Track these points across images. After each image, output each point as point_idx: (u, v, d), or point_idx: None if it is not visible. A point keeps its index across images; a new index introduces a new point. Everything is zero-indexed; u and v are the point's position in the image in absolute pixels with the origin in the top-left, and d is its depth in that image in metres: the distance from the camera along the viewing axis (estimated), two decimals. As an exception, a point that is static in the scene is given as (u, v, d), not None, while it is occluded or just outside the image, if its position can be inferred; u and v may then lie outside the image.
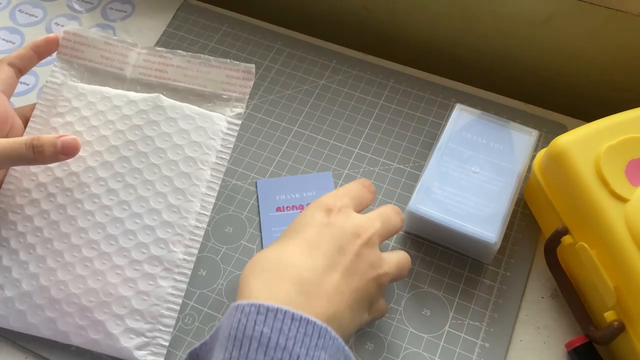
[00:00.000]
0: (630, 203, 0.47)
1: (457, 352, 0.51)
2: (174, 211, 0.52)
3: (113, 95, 0.56)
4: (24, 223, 0.52)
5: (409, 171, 0.62)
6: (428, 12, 0.72)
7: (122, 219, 0.52)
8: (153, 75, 0.58)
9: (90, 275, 0.50)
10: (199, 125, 0.55)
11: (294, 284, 0.39)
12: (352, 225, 0.44)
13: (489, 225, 0.53)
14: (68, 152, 0.51)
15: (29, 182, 0.54)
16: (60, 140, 0.51)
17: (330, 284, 0.40)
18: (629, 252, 0.45)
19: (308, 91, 0.68)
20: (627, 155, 0.49)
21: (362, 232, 0.44)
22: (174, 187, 0.53)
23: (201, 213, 0.53)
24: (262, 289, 0.38)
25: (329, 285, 0.40)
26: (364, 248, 0.43)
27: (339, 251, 0.42)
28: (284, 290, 0.38)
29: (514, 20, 0.67)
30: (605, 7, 0.61)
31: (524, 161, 0.56)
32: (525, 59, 0.71)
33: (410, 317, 0.53)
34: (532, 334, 0.52)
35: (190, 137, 0.54)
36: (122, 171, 0.53)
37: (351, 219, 0.45)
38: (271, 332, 0.34)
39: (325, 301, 0.39)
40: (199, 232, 0.52)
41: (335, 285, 0.40)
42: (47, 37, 0.57)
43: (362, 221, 0.45)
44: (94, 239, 0.51)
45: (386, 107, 0.66)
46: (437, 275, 0.55)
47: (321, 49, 0.71)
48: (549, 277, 0.55)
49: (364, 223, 0.45)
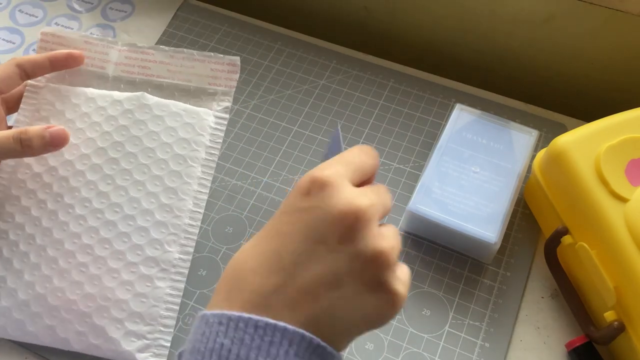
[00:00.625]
0: (630, 203, 0.47)
1: (457, 352, 0.51)
2: (167, 210, 0.52)
3: (97, 96, 0.55)
4: (15, 231, 0.52)
5: (409, 171, 0.62)
6: (428, 12, 0.72)
7: (115, 222, 0.51)
8: (136, 72, 0.57)
9: (86, 281, 0.50)
10: (187, 122, 0.54)
11: (261, 287, 0.33)
12: (338, 203, 0.34)
13: (489, 225, 0.53)
14: (57, 143, 0.50)
15: (17, 189, 0.53)
16: (48, 131, 0.50)
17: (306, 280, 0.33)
18: (629, 252, 0.45)
19: (308, 91, 0.68)
20: (627, 155, 0.49)
21: (352, 210, 0.34)
22: (165, 187, 0.52)
23: (194, 211, 0.52)
24: (227, 296, 0.34)
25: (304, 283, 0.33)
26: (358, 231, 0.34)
27: (317, 242, 0.33)
28: (245, 297, 0.33)
29: (514, 20, 0.67)
30: (605, 7, 0.61)
31: (524, 161, 0.56)
32: (525, 59, 0.71)
33: (410, 317, 0.53)
34: (532, 334, 0.52)
35: (178, 134, 0.54)
36: (112, 173, 0.52)
37: (337, 195, 0.34)
38: (231, 343, 0.31)
39: (288, 310, 0.33)
40: (193, 230, 0.52)
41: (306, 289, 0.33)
42: (70, 53, 0.56)
43: (353, 195, 0.34)
44: (88, 243, 0.51)
45: (386, 107, 0.66)
46: (437, 275, 0.55)
47: (321, 49, 0.71)
48: (549, 277, 0.55)
49: (355, 197, 0.34)
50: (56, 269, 0.50)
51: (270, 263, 0.34)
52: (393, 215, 0.58)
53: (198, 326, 0.33)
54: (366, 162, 0.38)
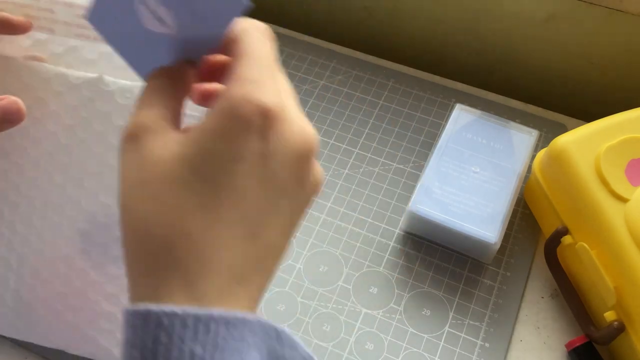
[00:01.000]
0: (630, 203, 0.47)
1: (457, 352, 0.51)
2: None
3: (52, 76, 0.45)
4: None
5: (409, 171, 0.62)
6: (428, 12, 0.72)
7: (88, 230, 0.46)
8: (92, 35, 0.46)
9: (71, 293, 0.47)
10: None
11: (225, 272, 0.26)
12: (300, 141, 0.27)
13: (489, 225, 0.53)
14: (13, 119, 0.42)
15: None
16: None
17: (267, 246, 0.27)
18: (629, 252, 0.45)
19: (308, 91, 0.68)
20: (627, 155, 0.49)
21: (312, 147, 0.28)
22: None
23: None
24: (187, 280, 0.26)
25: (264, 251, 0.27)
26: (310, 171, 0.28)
27: (281, 194, 0.27)
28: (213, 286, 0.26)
29: (514, 20, 0.67)
30: (605, 7, 0.61)
31: (524, 161, 0.56)
32: (525, 59, 0.71)
33: (410, 317, 0.53)
34: (532, 334, 0.52)
35: None
36: (80, 176, 0.46)
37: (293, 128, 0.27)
38: (204, 350, 0.24)
39: (259, 275, 0.27)
40: None
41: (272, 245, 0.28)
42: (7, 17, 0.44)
43: (302, 122, 0.28)
44: (68, 254, 0.46)
45: (386, 107, 0.66)
46: (437, 275, 0.55)
47: (321, 49, 0.71)
48: (549, 277, 0.55)
49: (306, 125, 0.28)
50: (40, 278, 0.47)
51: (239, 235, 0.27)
52: (393, 215, 0.58)
53: (144, 328, 0.25)
54: (273, 50, 0.30)
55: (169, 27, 0.29)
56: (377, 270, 0.55)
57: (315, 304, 0.54)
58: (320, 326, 0.52)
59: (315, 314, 0.53)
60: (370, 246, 0.57)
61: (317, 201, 0.59)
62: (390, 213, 0.59)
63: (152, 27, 0.29)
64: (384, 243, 0.57)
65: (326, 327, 0.52)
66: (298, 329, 0.52)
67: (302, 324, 0.52)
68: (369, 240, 0.57)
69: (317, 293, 0.54)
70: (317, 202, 0.59)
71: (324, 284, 0.55)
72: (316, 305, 0.54)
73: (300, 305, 0.54)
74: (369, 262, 0.56)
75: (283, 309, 0.53)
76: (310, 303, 0.54)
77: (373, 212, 0.59)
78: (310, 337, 0.52)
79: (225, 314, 0.25)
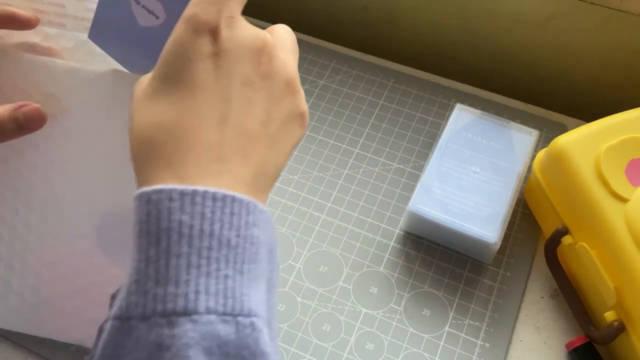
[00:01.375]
0: (630, 203, 0.47)
1: (457, 352, 0.51)
2: None
3: (62, 72, 0.45)
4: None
5: (409, 171, 0.62)
6: (428, 12, 0.72)
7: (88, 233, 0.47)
8: None
9: (91, 288, 0.48)
10: None
11: (203, 152, 0.30)
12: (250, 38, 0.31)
13: (489, 225, 0.53)
14: (33, 126, 0.42)
15: None
16: (21, 111, 0.41)
17: (243, 132, 0.31)
18: (629, 252, 0.45)
19: (308, 91, 0.68)
20: (627, 155, 0.49)
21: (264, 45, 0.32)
22: None
23: None
24: (169, 162, 0.30)
25: (241, 136, 0.31)
26: (270, 62, 0.32)
27: (243, 83, 0.31)
28: (193, 164, 0.30)
29: (514, 20, 0.67)
30: (605, 7, 0.61)
31: (524, 161, 0.56)
32: (525, 59, 0.71)
33: (410, 317, 0.53)
34: (532, 334, 0.52)
35: None
36: (95, 171, 0.46)
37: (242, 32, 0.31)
38: (192, 219, 0.28)
39: (241, 159, 0.31)
40: None
41: (248, 131, 0.31)
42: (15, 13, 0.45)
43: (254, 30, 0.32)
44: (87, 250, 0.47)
45: (386, 107, 0.66)
46: (437, 275, 0.55)
47: (321, 49, 0.71)
48: (549, 277, 0.55)
49: (256, 31, 0.32)
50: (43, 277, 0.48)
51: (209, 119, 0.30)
52: (393, 215, 0.58)
53: (138, 208, 0.29)
54: None
55: (162, 18, 0.32)
56: (377, 270, 0.55)
57: (315, 304, 0.54)
58: (320, 326, 0.52)
59: (315, 314, 0.53)
60: (370, 246, 0.57)
61: (317, 201, 0.59)
62: (390, 213, 0.59)
63: (148, 24, 0.32)
64: (384, 243, 0.57)
65: (326, 327, 0.52)
66: (298, 329, 0.52)
67: (302, 324, 0.52)
68: (369, 240, 0.57)
69: (317, 293, 0.54)
70: (317, 202, 0.59)
71: (324, 284, 0.55)
72: (316, 305, 0.54)
73: (300, 305, 0.54)
74: (369, 262, 0.56)
75: (283, 309, 0.53)
76: (310, 303, 0.54)
77: (373, 212, 0.59)
78: (310, 337, 0.52)
79: (210, 189, 0.28)
